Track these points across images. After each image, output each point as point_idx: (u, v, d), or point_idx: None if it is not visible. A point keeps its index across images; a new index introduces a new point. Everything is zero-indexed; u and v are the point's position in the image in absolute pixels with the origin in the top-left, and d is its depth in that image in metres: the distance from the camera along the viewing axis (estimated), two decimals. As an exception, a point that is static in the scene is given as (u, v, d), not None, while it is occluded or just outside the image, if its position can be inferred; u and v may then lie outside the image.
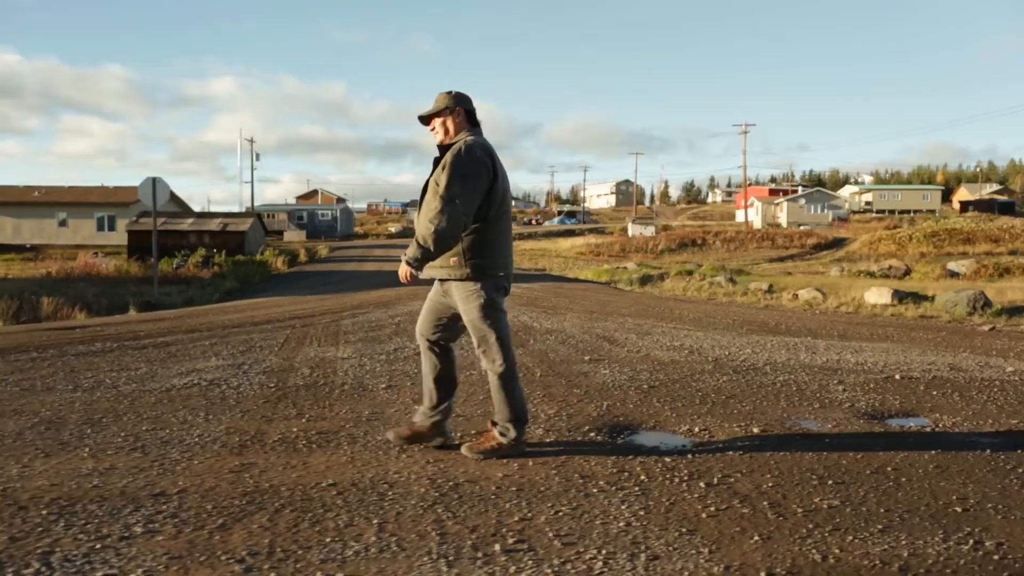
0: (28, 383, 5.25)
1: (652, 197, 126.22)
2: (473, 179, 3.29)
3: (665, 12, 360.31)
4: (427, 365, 3.61)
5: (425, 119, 3.53)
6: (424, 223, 3.29)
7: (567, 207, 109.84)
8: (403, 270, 3.35)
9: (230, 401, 4.65)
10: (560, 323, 9.02)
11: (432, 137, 3.53)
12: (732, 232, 51.79)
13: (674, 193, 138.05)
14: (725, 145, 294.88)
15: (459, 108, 3.48)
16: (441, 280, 3.52)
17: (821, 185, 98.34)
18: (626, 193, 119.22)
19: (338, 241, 55.61)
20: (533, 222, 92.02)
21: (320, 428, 4.00)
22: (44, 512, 2.80)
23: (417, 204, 3.57)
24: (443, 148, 3.44)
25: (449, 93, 3.51)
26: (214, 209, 38.41)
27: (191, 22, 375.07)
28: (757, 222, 66.80)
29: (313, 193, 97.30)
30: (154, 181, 16.34)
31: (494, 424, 3.52)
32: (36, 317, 13.16)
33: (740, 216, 74.40)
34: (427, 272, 3.50)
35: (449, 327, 3.58)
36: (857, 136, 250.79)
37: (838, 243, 47.66)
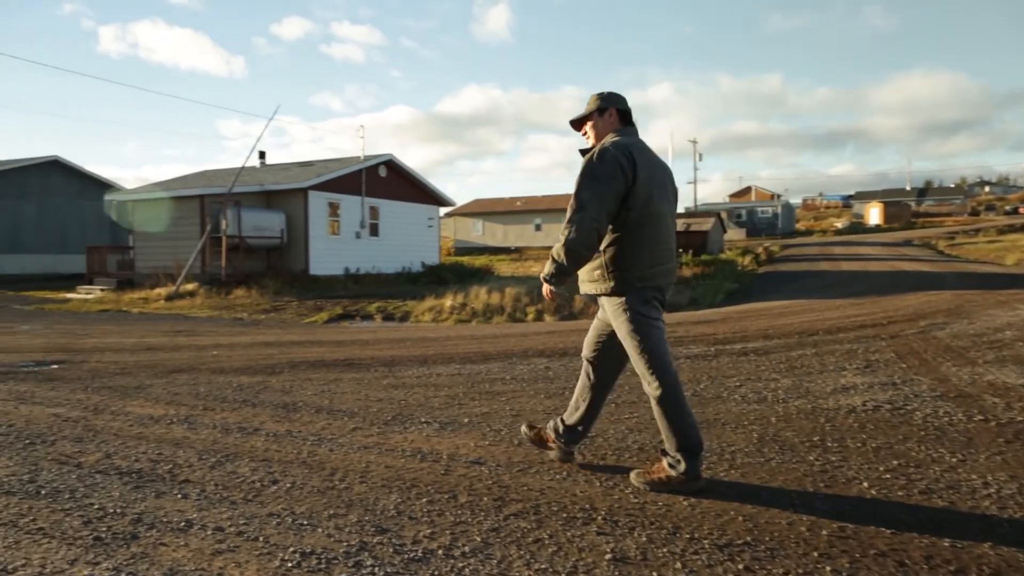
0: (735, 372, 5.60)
1: None
2: (605, 182, 3.10)
3: None
4: (580, 383, 3.54)
5: (577, 124, 3.44)
6: (560, 236, 3.20)
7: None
8: (544, 289, 3.32)
9: (961, 437, 4.17)
10: None
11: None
12: None
13: None
14: None
15: (610, 108, 3.36)
16: (594, 296, 3.36)
17: None
18: None
19: (781, 239, 53.42)
20: (1021, 210, 75.84)
21: None
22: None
23: None
24: (585, 153, 3.34)
25: (599, 95, 3.38)
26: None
27: (635, 36, 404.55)
28: None
29: (746, 190, 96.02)
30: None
31: (664, 454, 3.28)
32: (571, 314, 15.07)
33: None
34: (580, 288, 3.44)
35: (608, 345, 3.40)
36: None
37: None
